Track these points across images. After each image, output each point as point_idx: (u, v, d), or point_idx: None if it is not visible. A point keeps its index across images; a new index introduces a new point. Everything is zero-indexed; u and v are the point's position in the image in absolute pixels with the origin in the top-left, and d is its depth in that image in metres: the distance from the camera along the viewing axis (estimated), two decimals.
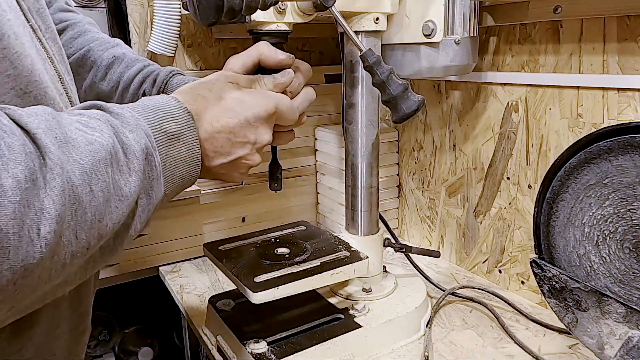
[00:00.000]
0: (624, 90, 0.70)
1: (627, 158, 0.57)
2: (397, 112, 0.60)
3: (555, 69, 0.78)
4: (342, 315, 0.73)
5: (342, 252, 0.72)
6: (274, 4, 0.54)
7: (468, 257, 1.00)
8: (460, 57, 0.80)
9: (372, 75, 0.60)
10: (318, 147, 1.20)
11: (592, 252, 0.62)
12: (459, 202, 1.00)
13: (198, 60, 1.07)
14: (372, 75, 0.60)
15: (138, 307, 1.46)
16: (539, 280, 0.66)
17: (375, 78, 0.60)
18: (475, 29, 0.82)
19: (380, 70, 0.59)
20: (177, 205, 1.05)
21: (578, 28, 0.74)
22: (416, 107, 0.59)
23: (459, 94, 0.96)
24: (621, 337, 0.58)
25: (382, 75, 0.59)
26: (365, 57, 0.60)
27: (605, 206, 0.60)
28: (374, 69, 0.60)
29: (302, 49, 1.19)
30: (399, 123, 0.59)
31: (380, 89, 0.60)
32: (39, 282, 0.32)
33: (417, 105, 0.59)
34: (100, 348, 1.46)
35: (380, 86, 0.60)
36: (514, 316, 0.82)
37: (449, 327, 0.80)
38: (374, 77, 0.60)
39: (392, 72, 0.59)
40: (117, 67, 0.66)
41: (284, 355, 0.64)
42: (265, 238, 0.79)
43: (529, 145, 0.84)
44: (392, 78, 0.59)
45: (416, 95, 0.59)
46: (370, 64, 0.60)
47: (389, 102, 0.60)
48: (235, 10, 0.48)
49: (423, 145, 1.07)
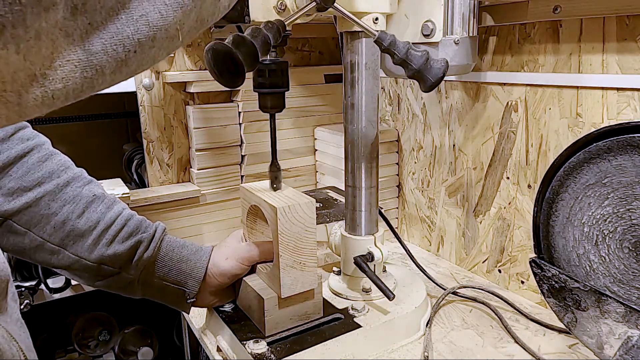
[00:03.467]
0: (623, 90, 0.70)
1: (627, 158, 0.57)
2: (424, 83, 0.61)
3: (554, 68, 0.79)
4: (341, 315, 0.73)
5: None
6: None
7: (468, 257, 1.00)
8: (459, 57, 0.80)
9: (392, 55, 0.61)
10: (318, 147, 1.20)
11: (592, 252, 0.62)
12: (459, 202, 1.00)
13: (198, 60, 1.07)
14: (392, 55, 0.61)
15: (138, 307, 1.46)
16: (539, 279, 0.66)
17: (395, 58, 0.61)
18: (475, 28, 0.82)
19: (397, 49, 0.60)
20: (177, 206, 1.05)
21: (577, 28, 0.74)
22: (442, 73, 0.60)
23: (458, 93, 0.96)
24: (620, 336, 0.58)
25: (400, 53, 0.60)
26: (380, 40, 0.61)
27: (604, 206, 0.60)
28: (391, 49, 0.61)
29: (302, 49, 1.19)
30: (429, 92, 0.61)
31: (402, 66, 0.61)
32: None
33: (442, 72, 0.60)
34: (100, 348, 1.46)
35: (402, 64, 0.61)
36: (514, 316, 0.82)
37: (448, 327, 0.80)
38: (394, 57, 0.61)
39: (409, 48, 0.61)
40: (97, 206, 0.65)
41: (284, 355, 0.64)
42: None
43: (528, 145, 0.84)
44: (411, 53, 0.60)
45: (438, 62, 0.60)
46: (386, 46, 0.61)
47: (414, 76, 0.61)
48: (247, 64, 0.49)
49: (423, 145, 1.07)
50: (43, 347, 1.43)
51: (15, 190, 0.60)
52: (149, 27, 0.28)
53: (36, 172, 0.62)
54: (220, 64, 0.47)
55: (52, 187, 0.62)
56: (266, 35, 0.52)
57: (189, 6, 0.30)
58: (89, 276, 0.65)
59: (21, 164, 0.61)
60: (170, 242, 0.69)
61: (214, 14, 0.34)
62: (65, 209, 0.62)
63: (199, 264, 0.69)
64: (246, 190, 0.71)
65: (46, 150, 0.64)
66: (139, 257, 0.65)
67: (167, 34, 0.30)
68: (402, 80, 1.10)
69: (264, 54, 0.51)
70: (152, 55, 0.30)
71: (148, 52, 0.29)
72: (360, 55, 0.72)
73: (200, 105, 1.06)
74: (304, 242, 0.66)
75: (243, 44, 0.48)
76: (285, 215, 0.64)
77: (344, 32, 0.72)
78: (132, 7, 0.27)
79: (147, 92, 1.04)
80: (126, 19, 0.27)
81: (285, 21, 0.56)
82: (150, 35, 0.28)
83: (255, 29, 0.52)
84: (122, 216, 0.66)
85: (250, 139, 1.11)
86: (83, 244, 0.63)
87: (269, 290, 0.68)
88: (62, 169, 0.64)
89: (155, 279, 0.67)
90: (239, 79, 0.48)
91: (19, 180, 0.60)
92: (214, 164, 1.09)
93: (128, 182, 1.38)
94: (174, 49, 0.32)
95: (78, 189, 0.64)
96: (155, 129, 1.06)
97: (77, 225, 0.63)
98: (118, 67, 0.28)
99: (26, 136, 0.63)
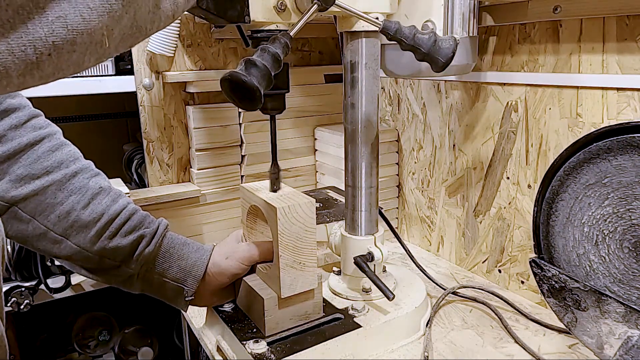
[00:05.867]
0: (623, 90, 0.70)
1: (627, 158, 0.57)
2: (435, 64, 0.61)
3: (554, 68, 0.79)
4: (341, 315, 0.73)
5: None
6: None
7: (468, 257, 1.00)
8: (459, 57, 0.80)
9: (399, 42, 0.62)
10: (318, 147, 1.20)
11: (592, 252, 0.62)
12: (459, 202, 1.00)
13: (198, 60, 1.07)
14: (399, 42, 0.62)
15: (138, 307, 1.47)
16: (539, 279, 0.66)
17: (403, 45, 0.61)
18: (475, 28, 0.82)
19: (404, 35, 0.61)
20: (177, 206, 1.05)
21: (577, 28, 0.74)
22: (452, 52, 0.60)
23: (458, 93, 0.96)
24: (620, 336, 0.58)
25: (408, 39, 0.61)
26: (386, 29, 0.61)
27: (604, 206, 0.60)
28: (398, 36, 0.61)
29: (302, 49, 1.19)
30: (441, 71, 0.63)
31: (412, 51, 0.62)
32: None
33: (452, 50, 0.60)
34: (100, 348, 1.46)
35: (411, 49, 0.61)
36: (514, 316, 0.82)
37: (448, 327, 0.80)
38: (402, 43, 0.62)
39: (416, 32, 0.61)
40: (102, 199, 0.65)
41: (284, 355, 0.64)
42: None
43: (528, 145, 0.84)
44: (418, 37, 0.61)
45: (446, 41, 0.61)
46: (393, 34, 0.61)
47: (424, 58, 0.62)
48: (262, 91, 0.50)
49: (423, 145, 1.07)
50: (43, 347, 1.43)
51: (23, 177, 0.60)
52: (67, 30, 0.26)
53: (45, 160, 0.62)
54: (237, 93, 0.50)
55: (60, 177, 0.63)
56: (275, 53, 0.53)
57: (118, 12, 0.29)
58: (89, 268, 0.66)
59: (32, 152, 0.62)
60: (172, 239, 0.69)
61: (154, 22, 0.33)
62: (71, 199, 0.63)
63: (199, 263, 0.69)
64: (246, 190, 0.71)
65: (57, 140, 0.65)
66: (140, 252, 0.66)
67: (92, 39, 0.28)
68: (402, 80, 1.10)
69: (277, 70, 0.53)
70: (75, 60, 0.28)
71: (67, 56, 0.27)
72: (360, 55, 0.72)
73: (200, 105, 1.06)
74: (304, 242, 0.66)
75: (255, 68, 0.50)
76: (285, 215, 0.64)
77: (344, 32, 0.72)
78: (48, 8, 0.25)
79: (147, 92, 1.04)
80: (39, 20, 0.25)
81: (290, 31, 0.57)
82: (69, 39, 0.27)
83: (264, 48, 0.53)
84: (127, 210, 0.66)
85: (250, 139, 1.11)
86: (86, 235, 0.63)
87: (269, 290, 0.68)
88: (71, 159, 0.65)
89: (155, 275, 0.68)
90: (257, 103, 0.50)
91: (28, 167, 0.61)
92: (214, 164, 1.09)
93: (128, 182, 1.38)
94: (105, 55, 0.31)
95: (85, 181, 0.65)
96: (155, 129, 1.06)
97: (81, 216, 0.63)
98: (28, 70, 0.26)
99: (39, 125, 0.63)
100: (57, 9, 0.26)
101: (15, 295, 0.98)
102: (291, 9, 0.64)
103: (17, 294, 0.98)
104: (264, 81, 0.50)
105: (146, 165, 1.08)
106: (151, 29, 0.33)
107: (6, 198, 0.60)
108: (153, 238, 0.67)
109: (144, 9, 0.31)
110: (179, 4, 0.35)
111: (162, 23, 0.34)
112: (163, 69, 1.04)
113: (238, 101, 0.51)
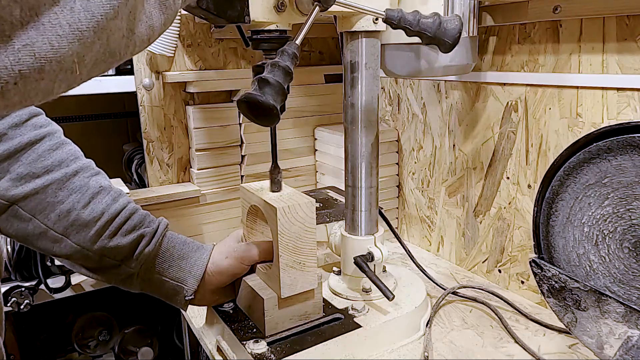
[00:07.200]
0: (623, 90, 0.70)
1: (627, 158, 0.57)
2: (443, 45, 0.61)
3: (554, 68, 0.79)
4: (341, 315, 0.73)
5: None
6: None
7: (468, 257, 1.00)
8: (459, 57, 0.80)
9: (405, 30, 0.62)
10: (318, 147, 1.20)
11: (592, 252, 0.62)
12: (459, 202, 1.00)
13: (198, 60, 1.07)
14: (405, 30, 0.62)
15: (138, 307, 1.47)
16: (539, 279, 0.66)
17: (408, 31, 0.62)
18: (475, 28, 0.82)
19: (408, 22, 0.61)
20: (177, 206, 1.05)
21: (577, 28, 0.74)
22: (457, 32, 0.61)
23: (458, 93, 0.96)
24: (620, 336, 0.58)
25: (412, 26, 0.61)
26: (390, 18, 0.61)
27: (604, 206, 0.60)
28: (403, 24, 0.61)
29: (302, 49, 1.19)
30: (449, 52, 0.63)
31: (418, 36, 0.62)
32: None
33: (457, 31, 0.61)
34: (100, 348, 1.46)
35: (417, 34, 0.61)
36: (514, 316, 0.82)
37: (448, 327, 0.80)
38: (407, 31, 0.62)
39: (420, 18, 0.61)
40: (102, 198, 0.65)
41: (284, 355, 0.64)
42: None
43: (528, 145, 0.84)
44: (423, 22, 0.61)
45: (451, 22, 0.61)
46: (397, 23, 0.61)
47: (431, 42, 0.62)
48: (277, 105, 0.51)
49: (423, 145, 1.07)
50: (43, 347, 1.43)
51: (23, 176, 0.60)
52: (34, 58, 0.26)
53: (46, 159, 0.62)
54: (254, 112, 0.51)
55: (60, 176, 0.63)
56: (286, 66, 0.53)
57: (90, 38, 0.28)
58: (89, 267, 0.66)
59: (32, 151, 0.61)
60: (172, 238, 0.69)
61: (128, 47, 0.32)
62: (71, 198, 0.63)
63: (199, 262, 0.69)
64: (246, 190, 0.71)
65: (58, 139, 0.65)
66: (140, 251, 0.66)
67: (61, 66, 0.27)
68: (402, 80, 1.10)
69: (289, 82, 0.54)
70: (43, 87, 0.27)
71: (35, 84, 0.27)
72: (360, 55, 0.72)
73: (200, 105, 1.06)
74: (304, 242, 0.66)
75: (269, 87, 0.51)
76: (285, 215, 0.64)
77: (344, 32, 0.72)
78: (14, 36, 0.25)
79: (147, 92, 1.04)
80: (4, 48, 0.25)
81: (296, 39, 0.57)
82: (37, 67, 0.26)
83: (274, 63, 0.53)
84: (127, 209, 0.66)
85: (250, 139, 1.11)
86: (86, 234, 0.63)
87: (269, 290, 0.68)
88: (71, 158, 0.65)
89: (154, 274, 0.68)
90: (275, 119, 0.52)
91: (28, 166, 0.61)
92: (214, 164, 1.09)
93: (128, 182, 1.38)
94: (76, 82, 0.30)
95: (85, 180, 0.65)
96: (155, 129, 1.06)
97: (81, 215, 0.63)
98: None
99: (39, 123, 0.63)
100: (24, 37, 0.25)
101: (15, 295, 0.98)
102: (291, 9, 0.64)
103: (17, 294, 0.98)
104: (279, 96, 0.51)
105: (146, 165, 1.08)
106: (125, 54, 0.32)
107: (6, 196, 0.60)
108: (153, 237, 0.67)
109: (117, 34, 0.30)
110: (154, 27, 0.34)
111: (138, 48, 0.33)
112: (163, 69, 1.04)
113: (256, 119, 0.52)
